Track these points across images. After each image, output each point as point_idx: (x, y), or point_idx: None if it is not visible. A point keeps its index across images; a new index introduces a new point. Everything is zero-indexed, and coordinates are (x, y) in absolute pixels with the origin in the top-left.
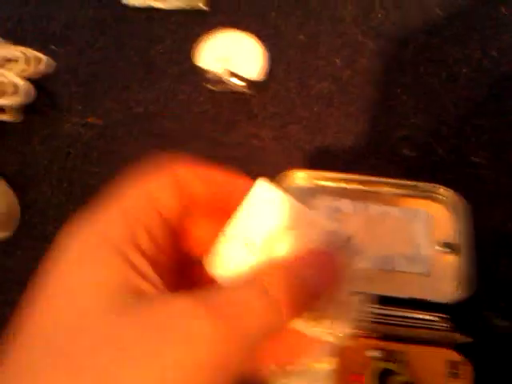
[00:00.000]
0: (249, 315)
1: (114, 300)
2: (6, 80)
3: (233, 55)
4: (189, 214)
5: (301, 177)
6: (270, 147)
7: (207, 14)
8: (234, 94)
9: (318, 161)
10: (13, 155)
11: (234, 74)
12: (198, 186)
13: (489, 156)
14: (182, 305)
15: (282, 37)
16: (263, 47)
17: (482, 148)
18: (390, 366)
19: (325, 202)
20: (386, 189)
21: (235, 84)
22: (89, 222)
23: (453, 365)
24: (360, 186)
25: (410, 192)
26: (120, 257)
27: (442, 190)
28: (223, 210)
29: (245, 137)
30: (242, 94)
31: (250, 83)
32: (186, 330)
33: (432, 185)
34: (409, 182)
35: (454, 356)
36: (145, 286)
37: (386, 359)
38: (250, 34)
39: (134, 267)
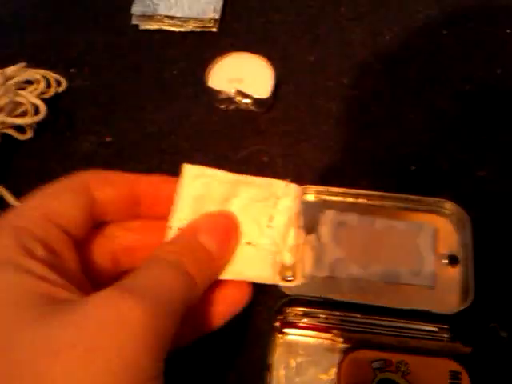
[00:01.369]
0: (167, 290)
1: (27, 308)
2: (26, 101)
3: (244, 76)
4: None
5: (308, 192)
6: (279, 164)
7: (219, 37)
8: (245, 114)
9: (326, 177)
10: (30, 173)
11: (244, 95)
12: (108, 192)
13: (494, 170)
14: (107, 297)
15: (291, 59)
16: (273, 68)
17: (487, 163)
18: (392, 376)
19: (331, 216)
20: (391, 203)
21: (246, 104)
22: None
23: (455, 375)
24: (366, 201)
25: (416, 206)
26: (11, 265)
27: (447, 204)
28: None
29: (254, 154)
30: (253, 113)
31: (261, 103)
32: (118, 318)
33: (437, 199)
34: (414, 197)
35: (456, 366)
36: (51, 289)
37: (387, 369)
38: (260, 56)
39: (29, 271)
